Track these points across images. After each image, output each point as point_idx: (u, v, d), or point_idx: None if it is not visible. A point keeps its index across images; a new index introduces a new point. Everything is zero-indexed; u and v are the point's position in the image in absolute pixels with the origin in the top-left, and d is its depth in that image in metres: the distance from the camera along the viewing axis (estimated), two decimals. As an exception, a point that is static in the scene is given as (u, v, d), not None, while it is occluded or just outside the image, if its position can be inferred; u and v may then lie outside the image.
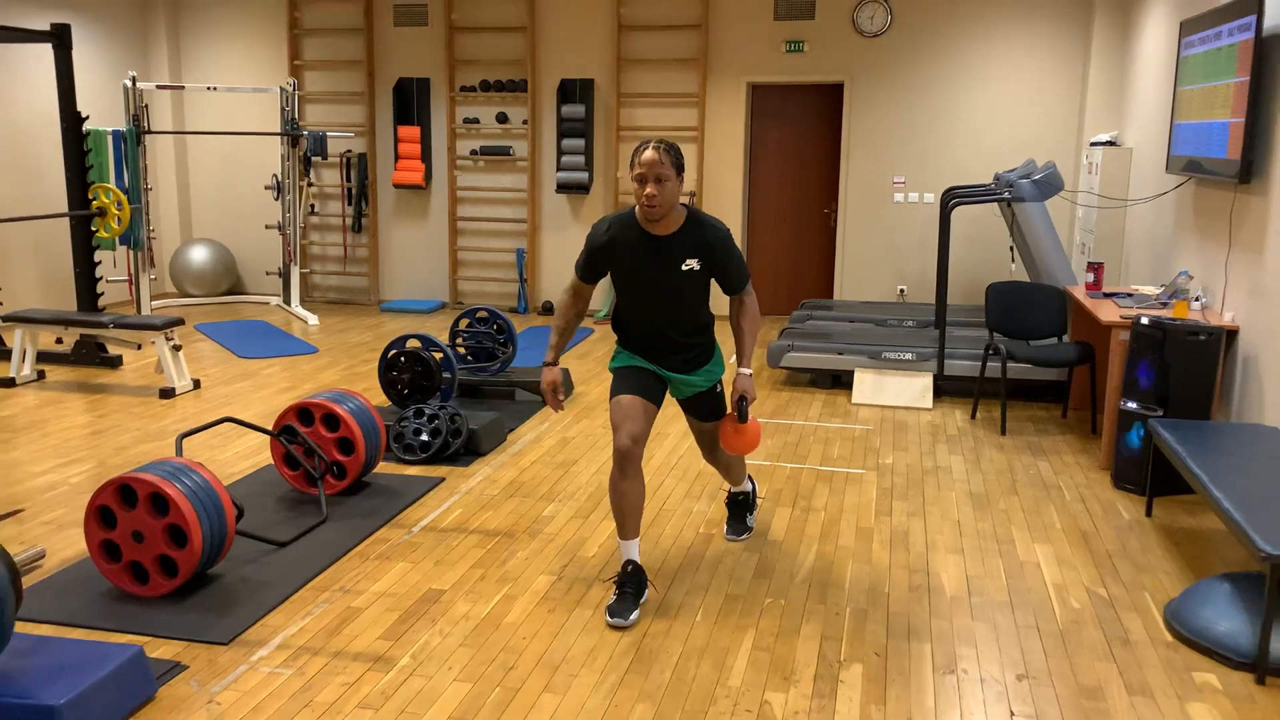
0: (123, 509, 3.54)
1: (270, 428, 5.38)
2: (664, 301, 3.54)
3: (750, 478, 4.22)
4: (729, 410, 3.69)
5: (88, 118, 7.14)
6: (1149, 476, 4.55)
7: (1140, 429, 4.77)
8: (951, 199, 6.69)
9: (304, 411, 4.60)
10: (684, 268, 3.47)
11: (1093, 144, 7.72)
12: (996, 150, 8.65)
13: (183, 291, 9.95)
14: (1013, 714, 2.93)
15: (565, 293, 3.64)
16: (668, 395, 5.52)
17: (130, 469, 4.70)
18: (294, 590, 3.66)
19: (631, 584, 3.53)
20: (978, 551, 4.11)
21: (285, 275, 9.38)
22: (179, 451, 3.88)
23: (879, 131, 8.87)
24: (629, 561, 3.57)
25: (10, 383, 6.57)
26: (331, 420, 4.56)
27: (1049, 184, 6.43)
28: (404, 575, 3.82)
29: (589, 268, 3.58)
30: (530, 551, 4.06)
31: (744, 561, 3.98)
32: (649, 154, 3.33)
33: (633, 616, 3.46)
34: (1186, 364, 4.67)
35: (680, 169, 3.39)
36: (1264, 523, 3.22)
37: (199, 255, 9.85)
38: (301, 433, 4.53)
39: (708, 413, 3.77)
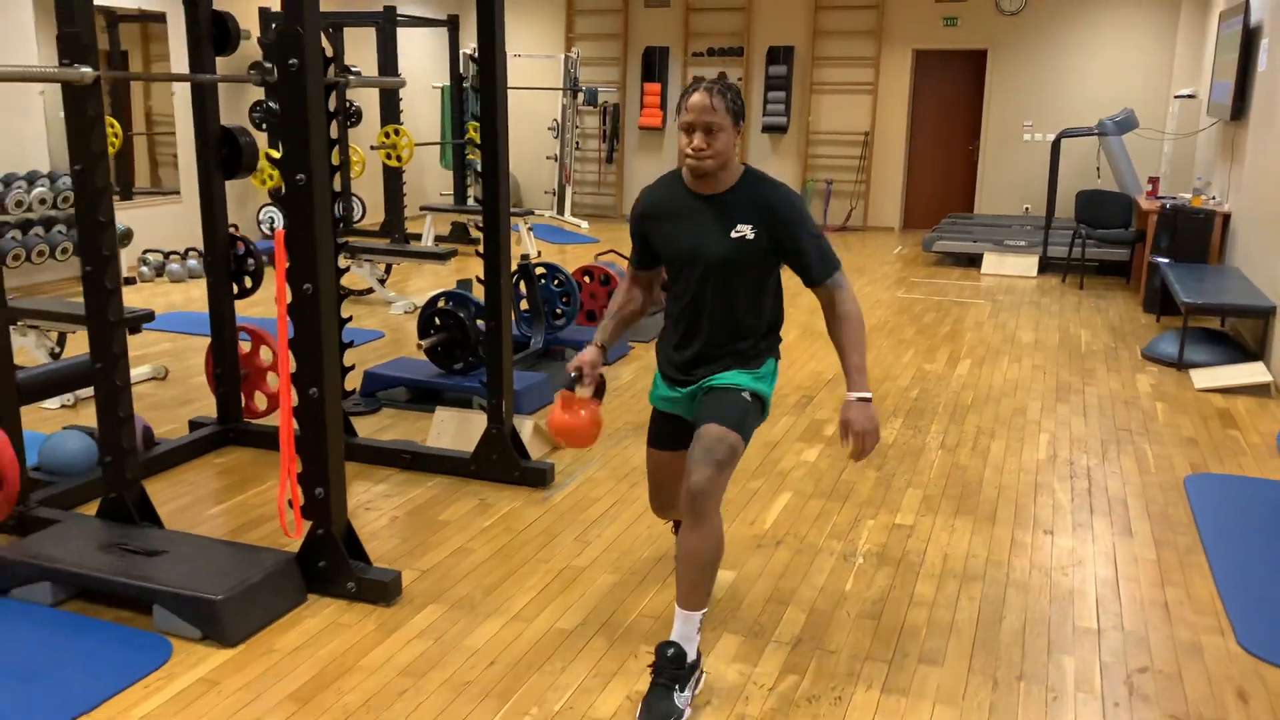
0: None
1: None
2: (704, 280, 2.72)
3: (698, 652, 2.69)
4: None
5: (468, 79, 10.65)
6: (1160, 300, 7.47)
7: (1159, 273, 7.66)
8: (1060, 135, 9.54)
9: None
10: (733, 234, 2.66)
11: (1176, 97, 10.36)
12: (1104, 101, 11.34)
13: (482, 205, 13.54)
14: (1043, 372, 6.01)
15: (621, 281, 2.99)
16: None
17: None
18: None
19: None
20: (1046, 331, 7.15)
21: (560, 193, 12.82)
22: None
23: (1013, 87, 11.67)
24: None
25: (421, 250, 10.16)
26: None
27: (1125, 123, 9.22)
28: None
29: (636, 249, 2.91)
30: (786, 322, 7.31)
31: (908, 322, 7.13)
32: (697, 97, 2.58)
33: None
34: (1190, 233, 7.53)
35: (739, 117, 2.61)
36: (1190, 290, 6.19)
37: (495, 178, 13.41)
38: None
39: (714, 409, 2.70)
